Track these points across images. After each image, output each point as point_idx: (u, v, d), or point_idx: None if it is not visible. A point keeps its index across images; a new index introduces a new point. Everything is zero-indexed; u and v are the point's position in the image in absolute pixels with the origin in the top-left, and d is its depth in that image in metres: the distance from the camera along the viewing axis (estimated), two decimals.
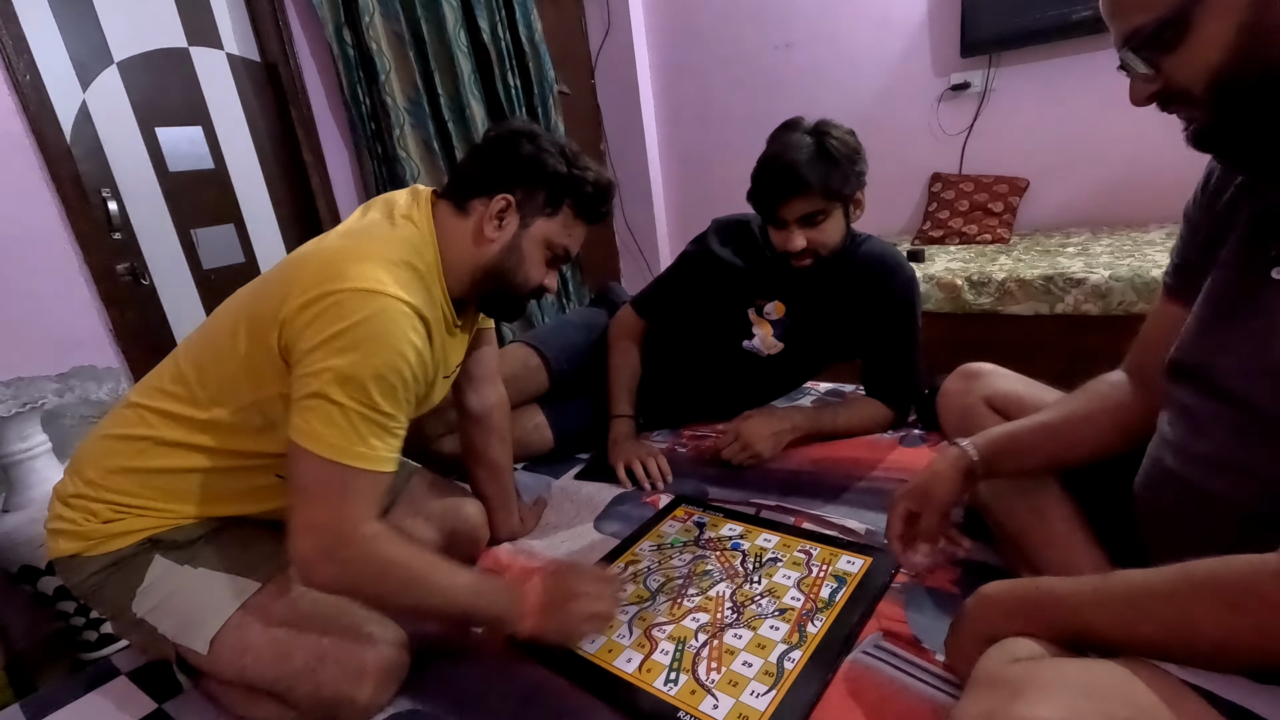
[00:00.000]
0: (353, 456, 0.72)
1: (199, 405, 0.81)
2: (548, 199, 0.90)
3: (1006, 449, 0.81)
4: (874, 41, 2.65)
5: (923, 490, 0.82)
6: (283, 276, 0.79)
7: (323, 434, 0.71)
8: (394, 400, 0.75)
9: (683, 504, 1.20)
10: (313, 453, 0.71)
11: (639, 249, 3.35)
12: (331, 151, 2.27)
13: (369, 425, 0.73)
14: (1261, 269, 0.54)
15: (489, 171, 0.89)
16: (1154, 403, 0.73)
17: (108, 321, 1.75)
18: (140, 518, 0.82)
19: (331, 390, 0.70)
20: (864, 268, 1.31)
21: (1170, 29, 0.48)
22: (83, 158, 1.72)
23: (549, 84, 2.69)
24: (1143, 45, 0.50)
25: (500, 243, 0.89)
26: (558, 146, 0.90)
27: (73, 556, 0.82)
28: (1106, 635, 0.53)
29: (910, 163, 2.70)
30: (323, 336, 0.71)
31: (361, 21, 2.14)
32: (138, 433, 0.82)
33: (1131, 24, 0.51)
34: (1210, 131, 0.53)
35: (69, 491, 0.83)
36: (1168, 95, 0.52)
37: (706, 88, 3.09)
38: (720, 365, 1.43)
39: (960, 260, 2.24)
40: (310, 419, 0.71)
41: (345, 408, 0.71)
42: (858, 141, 1.21)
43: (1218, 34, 0.47)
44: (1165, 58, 0.50)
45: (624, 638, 0.87)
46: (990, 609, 0.64)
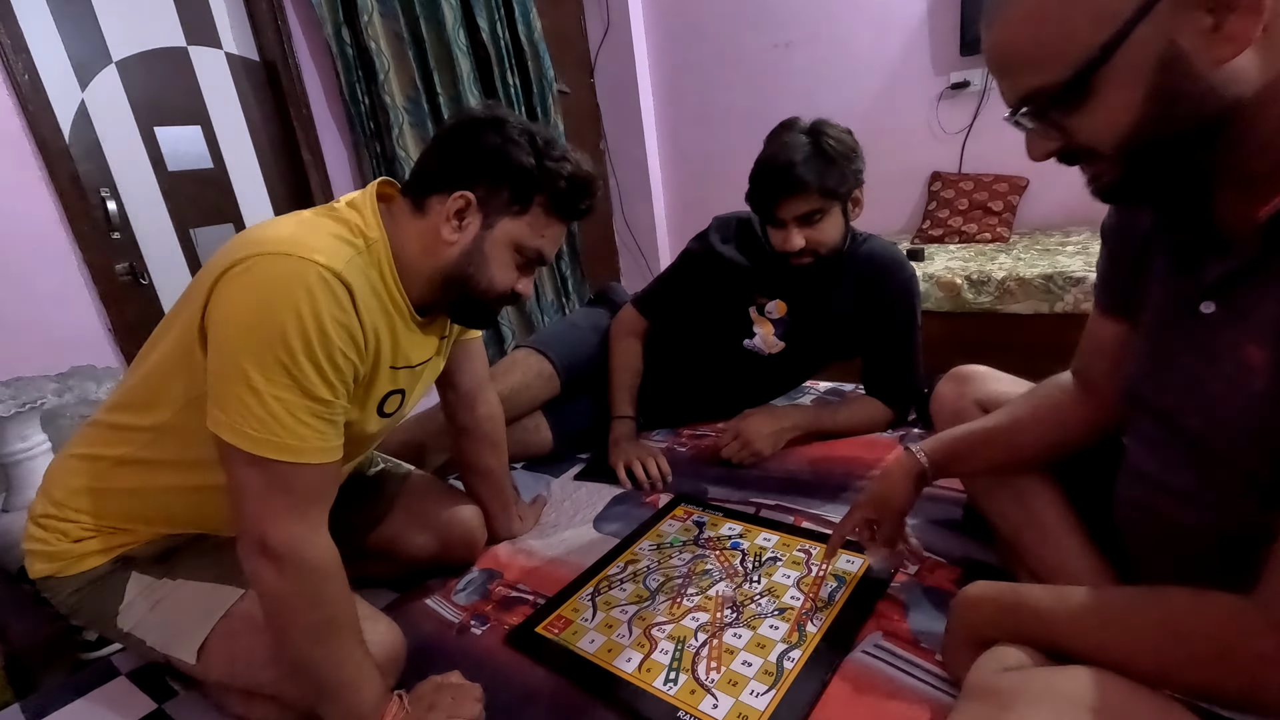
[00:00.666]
0: (275, 449, 0.64)
1: (138, 410, 0.76)
2: (514, 196, 0.79)
3: (956, 453, 0.84)
4: (874, 40, 2.65)
5: (881, 499, 0.87)
6: (210, 262, 0.70)
7: (239, 426, 0.63)
8: (320, 378, 0.66)
9: (682, 503, 1.20)
10: (234, 447, 0.64)
11: (638, 248, 3.34)
12: (330, 151, 2.27)
13: (288, 412, 0.64)
14: (1190, 305, 0.54)
15: (448, 166, 0.78)
16: (1099, 405, 0.75)
17: (107, 321, 1.76)
18: (109, 535, 0.80)
19: (248, 372, 0.63)
20: (865, 267, 1.31)
21: (1073, 91, 0.45)
22: (81, 157, 1.72)
23: (548, 83, 2.68)
24: (1041, 106, 0.48)
25: (460, 246, 0.79)
26: (527, 135, 0.79)
27: (49, 577, 0.80)
28: (1081, 655, 0.53)
29: (910, 161, 2.69)
30: (233, 307, 0.64)
31: (360, 20, 2.14)
32: (99, 452, 0.79)
33: (1028, 84, 0.48)
34: (1119, 188, 0.51)
35: (38, 512, 0.81)
36: (1070, 153, 0.50)
37: (706, 86, 3.08)
38: (721, 364, 1.43)
39: (960, 259, 2.24)
40: (227, 408, 0.63)
41: (261, 394, 0.63)
42: (854, 140, 1.21)
43: (1125, 97, 0.45)
44: (1066, 118, 0.48)
45: (624, 637, 0.87)
46: (972, 615, 0.65)
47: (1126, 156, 0.48)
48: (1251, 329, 0.48)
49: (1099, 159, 0.49)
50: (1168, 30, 0.42)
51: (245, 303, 0.64)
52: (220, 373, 0.65)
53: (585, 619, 0.91)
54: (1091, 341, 0.77)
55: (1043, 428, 0.80)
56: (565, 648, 0.86)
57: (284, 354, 0.64)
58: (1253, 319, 0.48)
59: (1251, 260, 0.47)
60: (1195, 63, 0.42)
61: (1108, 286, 0.72)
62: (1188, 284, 0.54)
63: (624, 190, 3.24)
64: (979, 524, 0.97)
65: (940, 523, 1.04)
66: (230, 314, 0.64)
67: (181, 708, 0.85)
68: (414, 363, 0.87)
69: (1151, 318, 0.61)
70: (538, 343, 1.46)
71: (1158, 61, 0.43)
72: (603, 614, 0.92)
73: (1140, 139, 0.46)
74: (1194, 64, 0.42)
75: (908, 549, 0.91)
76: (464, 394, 1.08)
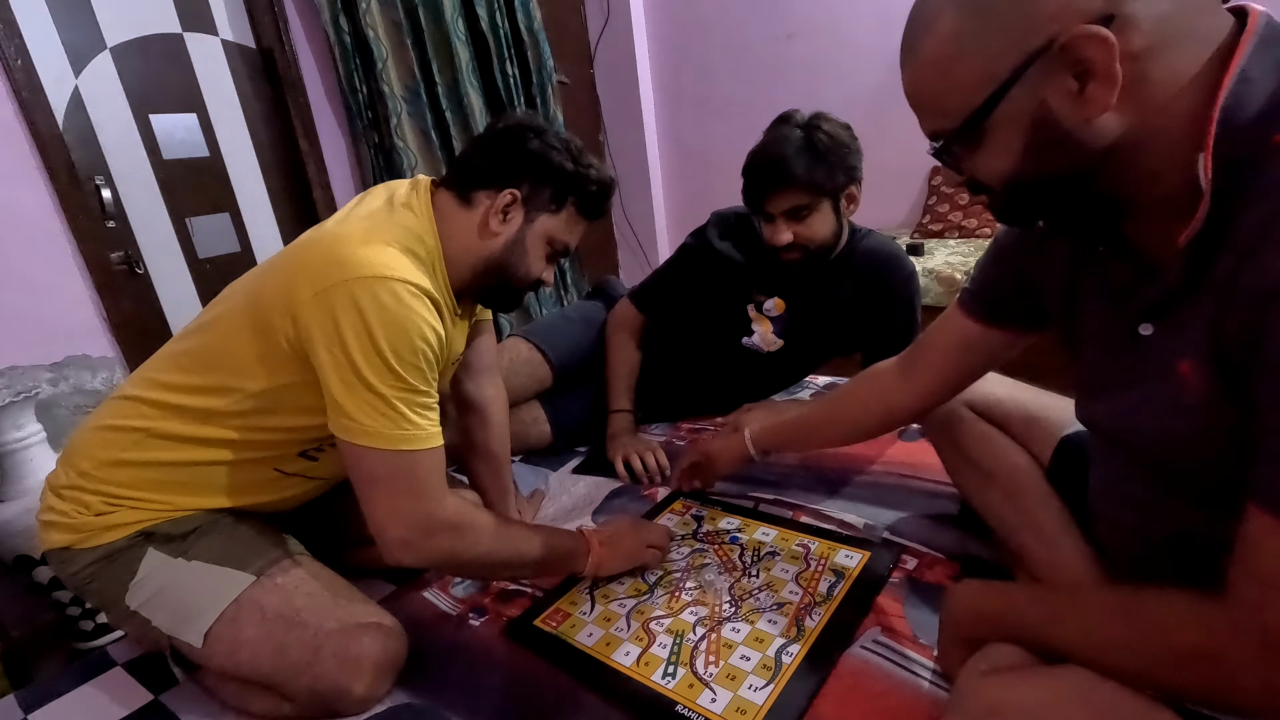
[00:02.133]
0: (408, 441, 0.75)
1: (199, 395, 0.81)
2: (553, 195, 0.90)
3: (777, 438, 1.05)
4: (875, 33, 2.63)
5: (707, 459, 1.13)
6: (286, 265, 0.78)
7: (372, 427, 0.73)
8: (423, 377, 0.77)
9: (681, 497, 1.20)
10: (371, 448, 0.74)
11: (638, 241, 3.33)
12: (328, 140, 2.25)
13: (410, 406, 0.75)
14: (1128, 326, 0.56)
15: (495, 165, 0.89)
16: (914, 392, 0.85)
17: (102, 310, 1.74)
18: (133, 510, 0.81)
19: (368, 381, 0.72)
20: (864, 263, 1.31)
21: (965, 136, 0.51)
22: (75, 145, 1.70)
23: (548, 74, 2.66)
24: (943, 146, 0.53)
25: (504, 237, 0.89)
26: (563, 143, 0.90)
27: (64, 549, 0.81)
28: (1066, 654, 0.54)
29: (910, 156, 2.66)
30: (342, 328, 0.72)
31: (359, 8, 2.12)
32: (134, 424, 0.82)
33: (933, 126, 0.54)
34: (1008, 217, 0.59)
35: (61, 483, 0.83)
36: (973, 185, 0.56)
37: (707, 78, 3.06)
38: (719, 362, 1.43)
39: (959, 254, 2.23)
40: (356, 415, 0.73)
41: (384, 396, 0.73)
42: (851, 136, 1.19)
43: (1008, 144, 0.49)
44: (964, 158, 0.53)
45: (622, 631, 0.87)
46: (962, 614, 0.67)
47: (1009, 194, 0.53)
48: (1185, 346, 0.50)
49: (992, 194, 0.55)
50: (1039, 91, 0.46)
51: (362, 330, 0.72)
52: (341, 385, 0.73)
53: (583, 612, 0.91)
54: (936, 335, 0.83)
55: (847, 418, 0.96)
56: (563, 641, 0.86)
57: (403, 367, 0.74)
58: (1186, 336, 0.50)
59: (1177, 286, 0.50)
60: (1063, 120, 0.47)
61: (982, 291, 0.76)
62: (1125, 309, 0.56)
63: (623, 183, 3.22)
64: (976, 519, 0.97)
65: (938, 518, 1.04)
66: (343, 334, 0.72)
67: (178, 699, 0.85)
68: (456, 355, 1.00)
69: (1092, 345, 0.64)
70: (528, 333, 1.47)
71: (1031, 117, 0.48)
72: (601, 607, 0.92)
73: (1020, 180, 0.51)
74: (1062, 121, 0.47)
75: None
76: (475, 372, 1.12)
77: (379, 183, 0.93)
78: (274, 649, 0.77)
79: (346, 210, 0.87)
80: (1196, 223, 0.46)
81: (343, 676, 0.77)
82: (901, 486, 1.16)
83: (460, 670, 0.85)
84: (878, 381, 0.91)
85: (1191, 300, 0.49)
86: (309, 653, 0.77)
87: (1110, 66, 0.43)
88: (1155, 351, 0.54)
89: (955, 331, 0.80)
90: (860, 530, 1.04)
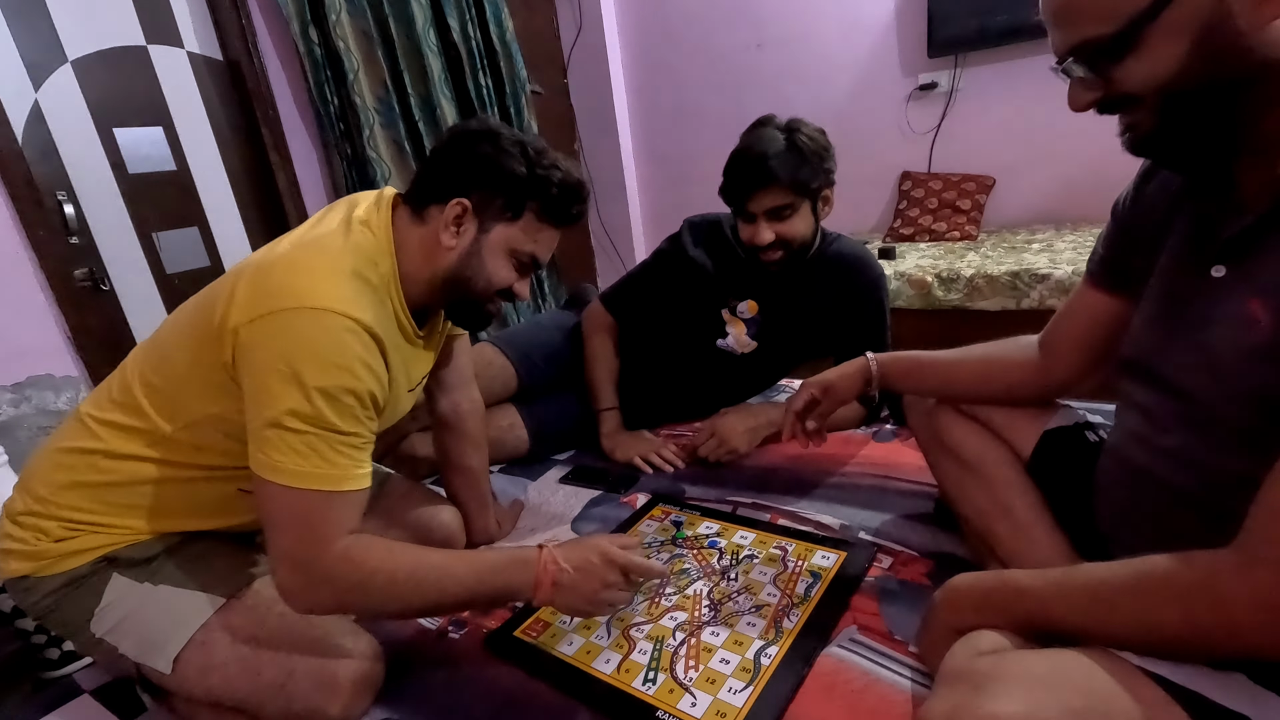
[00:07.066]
0: (316, 480, 0.69)
1: (148, 418, 0.78)
2: (507, 203, 0.84)
3: (905, 370, 0.96)
4: (844, 42, 2.69)
5: (828, 383, 1.00)
6: (229, 288, 0.74)
7: (281, 463, 0.68)
8: (351, 418, 0.72)
9: (660, 503, 1.20)
10: (275, 483, 0.69)
11: (614, 248, 3.34)
12: (299, 152, 2.22)
13: (329, 446, 0.70)
14: (1201, 269, 0.57)
15: (444, 176, 0.84)
16: (1051, 370, 0.82)
17: (65, 329, 1.70)
18: (94, 535, 0.79)
19: (285, 418, 0.68)
20: (834, 266, 1.33)
21: (1123, 42, 0.50)
22: (36, 160, 1.66)
23: (521, 83, 2.67)
24: (1091, 55, 0.52)
25: (458, 250, 0.84)
26: (519, 146, 0.84)
27: (24, 577, 0.78)
28: (1068, 628, 0.55)
29: (880, 161, 2.74)
30: (271, 359, 0.68)
31: (328, 19, 2.10)
32: (88, 445, 0.79)
33: (1082, 34, 0.52)
34: (1153, 137, 0.55)
35: (18, 509, 0.80)
36: (1111, 101, 0.54)
37: (680, 87, 3.09)
38: (695, 364, 1.44)
39: (930, 257, 2.28)
40: (268, 449, 0.69)
41: (302, 434, 0.68)
42: (827, 140, 1.22)
43: (1170, 50, 0.49)
44: (1113, 67, 0.52)
45: (602, 638, 0.87)
46: (958, 602, 0.66)
47: (1164, 103, 0.52)
48: (1258, 287, 0.51)
49: (1138, 107, 0.54)
50: None
51: (289, 363, 0.68)
52: (261, 418, 0.69)
53: (563, 622, 0.91)
54: (1070, 311, 0.81)
55: (994, 373, 0.88)
56: (544, 651, 0.86)
57: (328, 407, 0.69)
58: (1259, 278, 0.51)
59: (1264, 215, 0.50)
60: (1238, 21, 0.46)
61: (1105, 262, 0.76)
62: (1202, 251, 0.57)
63: (599, 191, 3.24)
64: (949, 517, 0.99)
65: (912, 517, 1.06)
66: (269, 365, 0.69)
67: None
68: (417, 381, 0.95)
69: (1159, 285, 0.64)
70: (497, 338, 1.48)
71: (1204, 19, 0.47)
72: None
73: (1179, 87, 0.50)
74: (1237, 23, 0.46)
75: (817, 438, 1.04)
76: (448, 388, 1.10)
77: (350, 193, 0.91)
78: (247, 671, 0.76)
79: (303, 229, 0.83)
80: None
81: (318, 697, 0.76)
82: (876, 487, 1.18)
83: (441, 684, 0.84)
84: (1022, 350, 0.86)
85: (1271, 239, 0.50)
86: (283, 674, 0.76)
87: None
88: (1225, 292, 0.55)
89: (1084, 305, 0.79)
90: (836, 531, 1.06)
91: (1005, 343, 0.90)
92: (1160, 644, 0.50)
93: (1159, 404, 0.64)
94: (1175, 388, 0.61)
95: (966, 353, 0.91)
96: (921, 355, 0.95)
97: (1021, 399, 0.87)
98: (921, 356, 0.95)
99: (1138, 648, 0.51)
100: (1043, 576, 0.60)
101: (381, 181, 2.26)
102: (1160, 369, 0.63)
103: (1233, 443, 0.56)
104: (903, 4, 2.53)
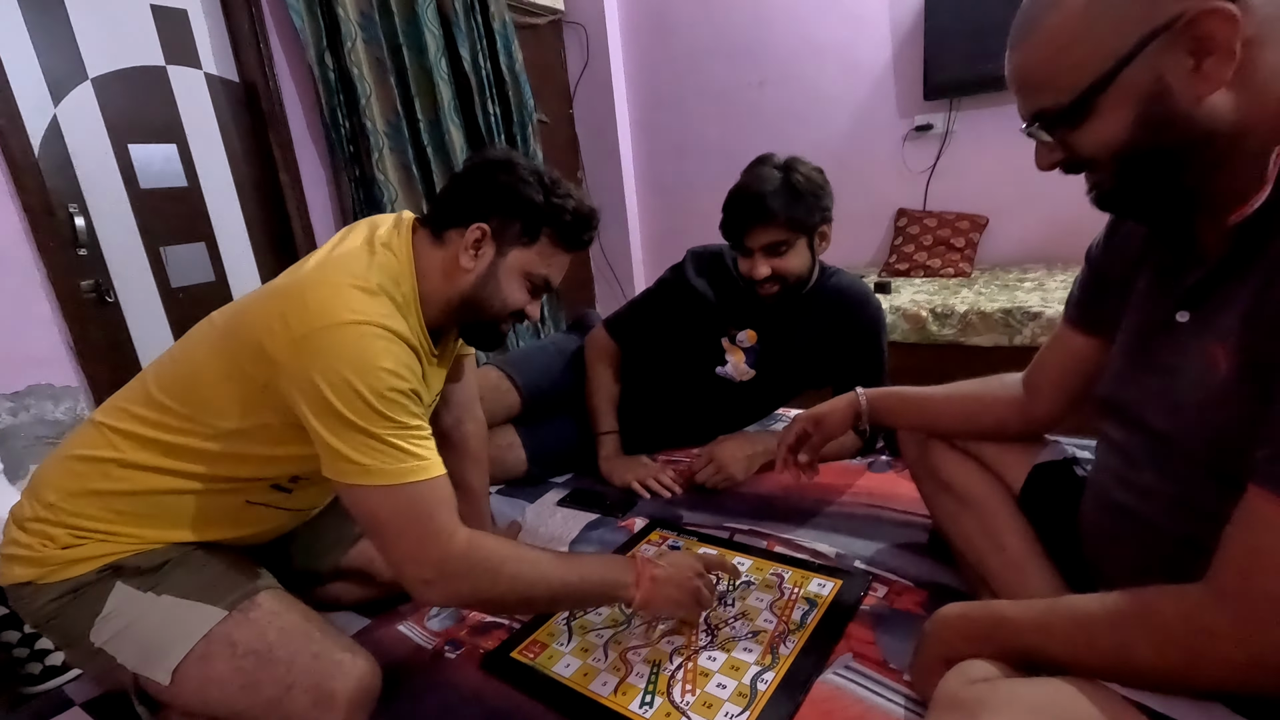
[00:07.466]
0: (409, 473, 0.73)
1: (170, 430, 0.80)
2: (524, 228, 0.88)
3: (893, 406, 0.99)
4: (843, 83, 2.77)
5: (819, 417, 1.02)
6: (265, 309, 0.77)
7: (370, 465, 0.72)
8: (407, 411, 0.76)
9: (657, 528, 1.21)
10: (372, 486, 0.72)
11: (614, 275, 3.39)
12: (308, 173, 2.26)
13: (405, 441, 0.74)
14: (1167, 314, 0.60)
15: (465, 201, 0.88)
16: (1035, 408, 0.86)
17: (69, 339, 1.71)
18: (102, 543, 0.79)
19: (355, 424, 0.71)
20: (833, 300, 1.36)
21: (1077, 111, 0.54)
22: (51, 172, 1.69)
23: (528, 113, 2.73)
24: (1050, 122, 0.56)
25: (476, 272, 0.87)
26: (535, 175, 0.89)
27: (26, 584, 0.79)
28: (1054, 659, 0.56)
29: (877, 198, 2.80)
30: (320, 377, 0.71)
31: (344, 46, 2.16)
32: (103, 454, 0.80)
33: (1040, 103, 0.56)
34: (1113, 195, 0.60)
35: (26, 515, 0.80)
36: (1072, 163, 0.58)
37: (682, 120, 3.17)
38: (694, 391, 1.46)
39: (925, 293, 2.32)
40: (352, 455, 0.72)
41: (375, 434, 0.72)
42: (824, 179, 1.27)
43: (1119, 119, 0.53)
44: (1070, 134, 0.56)
45: (599, 661, 0.87)
46: (948, 631, 0.67)
47: (1119, 166, 0.56)
48: (1217, 332, 0.54)
49: (1097, 168, 0.58)
50: (1157, 67, 0.50)
51: (332, 370, 0.71)
52: (331, 431, 0.72)
53: (561, 643, 0.91)
54: (1050, 352, 0.85)
55: (979, 410, 0.91)
56: (541, 672, 0.86)
57: (387, 406, 0.73)
58: (1218, 324, 0.54)
59: (1221, 261, 0.54)
60: (1178, 96, 0.50)
61: (1083, 303, 0.79)
62: (1167, 297, 0.60)
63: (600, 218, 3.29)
64: (943, 548, 1.00)
65: (907, 547, 1.08)
66: (324, 380, 0.71)
67: None
68: (432, 398, 0.97)
69: (1130, 328, 0.68)
70: (500, 361, 1.49)
71: (1147, 92, 0.51)
72: (578, 638, 0.92)
73: (1130, 152, 0.54)
74: (1177, 97, 0.50)
75: (809, 471, 1.05)
76: (453, 407, 1.12)
77: (358, 214, 0.94)
78: (245, 686, 0.76)
79: (327, 249, 0.86)
80: (1249, 207, 0.50)
81: (315, 713, 0.76)
82: (871, 516, 1.19)
83: (437, 704, 0.84)
84: (1006, 389, 0.90)
85: (1227, 287, 0.53)
86: (281, 689, 0.76)
87: (1231, 43, 0.47)
88: (1188, 337, 0.58)
89: (1062, 346, 0.82)
90: (832, 559, 1.07)
91: (991, 380, 0.93)
92: (1137, 676, 0.52)
93: (1133, 442, 0.67)
94: (1147, 427, 0.64)
95: (954, 389, 0.94)
96: (910, 392, 0.98)
97: (1007, 435, 0.90)
98: (909, 393, 0.98)
99: (1119, 679, 0.52)
100: (1028, 608, 0.62)
101: (388, 203, 2.30)
102: (1133, 408, 0.66)
103: (1201, 479, 0.59)
104: (900, 49, 2.62)
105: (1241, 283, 0.52)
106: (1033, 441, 0.90)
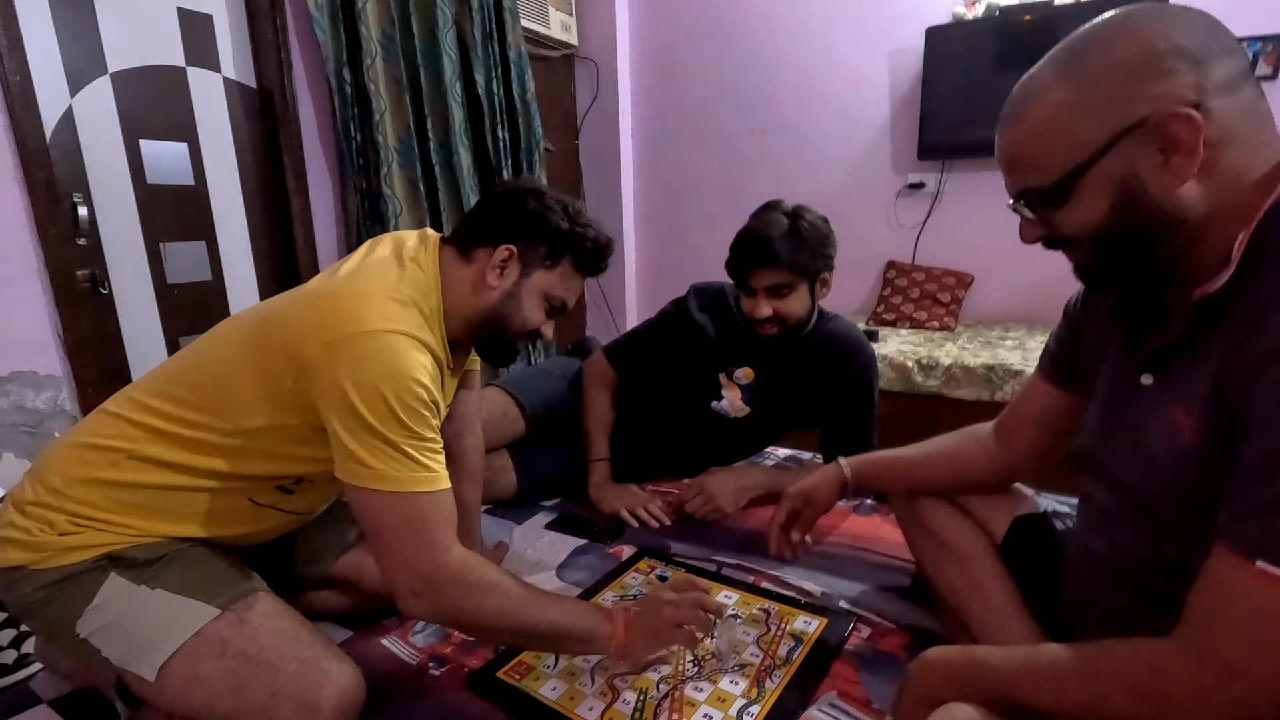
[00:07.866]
0: (417, 483, 0.76)
1: (191, 425, 0.81)
2: (549, 252, 0.94)
3: (877, 473, 1.03)
4: (842, 137, 2.88)
5: (808, 495, 1.04)
6: (298, 312, 0.81)
7: (383, 470, 0.74)
8: (426, 424, 0.78)
9: (645, 557, 1.22)
10: (381, 491, 0.75)
11: (607, 305, 3.42)
12: (316, 183, 2.28)
13: (418, 452, 0.76)
14: (1135, 376, 0.65)
15: (495, 223, 0.93)
16: (1008, 456, 0.90)
17: (58, 328, 1.68)
18: (100, 532, 0.79)
19: (376, 430, 0.74)
20: (829, 344, 1.41)
21: (1058, 193, 0.58)
22: (60, 160, 1.69)
23: (536, 140, 2.79)
24: (1033, 201, 0.61)
25: (500, 290, 0.92)
26: (561, 205, 0.95)
27: (18, 568, 0.78)
28: (1033, 705, 0.58)
29: (868, 249, 2.89)
30: (349, 381, 0.74)
31: (363, 62, 2.21)
32: (114, 444, 0.80)
33: (1025, 183, 0.61)
34: (1092, 271, 0.65)
35: (27, 498, 0.80)
36: (1053, 240, 0.63)
37: (684, 160, 3.26)
38: (688, 424, 1.48)
39: (911, 344, 2.39)
40: (367, 459, 0.74)
41: (393, 443, 0.74)
42: (829, 228, 1.32)
43: (1097, 203, 0.57)
44: (1052, 213, 0.61)
45: (586, 685, 0.87)
46: (930, 675, 0.69)
47: (1096, 246, 0.61)
48: (1180, 396, 0.58)
49: (1078, 247, 0.63)
50: (1130, 159, 0.55)
51: (361, 374, 0.74)
52: (353, 436, 0.74)
53: (547, 666, 0.91)
54: (1023, 401, 0.90)
55: (954, 466, 0.95)
56: (526, 694, 0.86)
57: (408, 415, 0.76)
58: (1181, 387, 0.58)
59: (1182, 333, 0.58)
60: (1150, 186, 0.55)
61: (1058, 356, 0.84)
62: (1133, 361, 0.65)
63: None
64: (925, 593, 1.03)
65: (890, 589, 1.10)
66: (350, 385, 0.74)
67: None
68: (445, 409, 0.97)
69: (1103, 388, 0.72)
70: (507, 383, 1.50)
71: (1122, 180, 0.56)
72: (564, 661, 0.92)
73: (1107, 234, 0.59)
74: (1149, 187, 0.55)
75: (803, 545, 1.07)
76: (456, 420, 1.13)
77: (362, 226, 0.97)
78: (231, 688, 0.75)
79: (358, 259, 0.90)
80: (1213, 285, 0.55)
81: None
82: (856, 558, 1.21)
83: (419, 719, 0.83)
84: (979, 441, 0.94)
85: (1190, 354, 0.57)
86: (266, 695, 0.75)
87: (1195, 143, 0.52)
88: (1153, 399, 0.62)
89: (1037, 397, 0.86)
90: (818, 598, 1.08)
91: (964, 433, 0.97)
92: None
93: (1109, 498, 0.71)
94: (1120, 483, 0.68)
95: (930, 449, 0.99)
96: (889, 457, 1.02)
97: (983, 486, 0.94)
98: (889, 458, 1.02)
99: None
100: (1009, 655, 0.64)
101: (393, 218, 2.32)
102: (1107, 465, 0.70)
103: (1171, 535, 0.62)
104: (898, 109, 2.74)
105: (1205, 350, 0.56)
106: (1014, 494, 0.94)
